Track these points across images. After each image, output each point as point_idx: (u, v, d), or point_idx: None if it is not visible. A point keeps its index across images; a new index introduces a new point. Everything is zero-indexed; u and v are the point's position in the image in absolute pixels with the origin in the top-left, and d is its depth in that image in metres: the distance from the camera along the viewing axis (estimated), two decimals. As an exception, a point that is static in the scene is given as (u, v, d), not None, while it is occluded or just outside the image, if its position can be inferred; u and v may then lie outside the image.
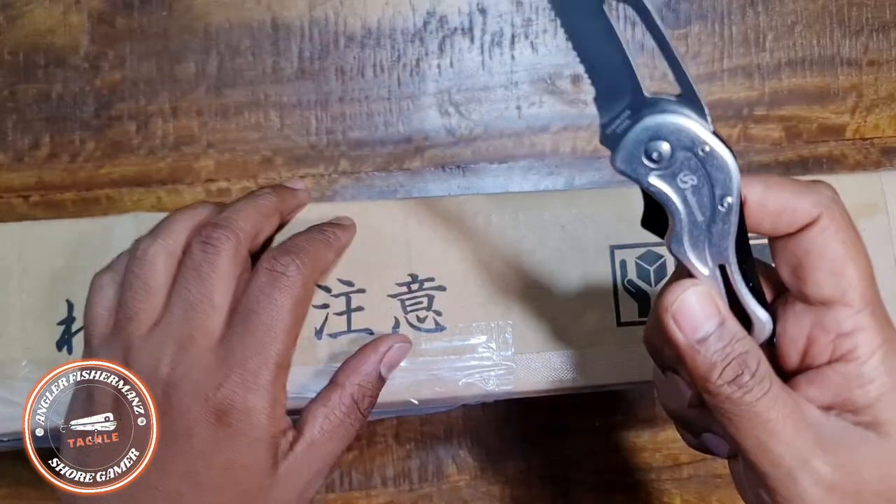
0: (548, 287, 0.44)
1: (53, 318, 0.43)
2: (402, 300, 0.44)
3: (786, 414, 0.30)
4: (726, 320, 0.31)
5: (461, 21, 0.55)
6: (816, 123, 0.56)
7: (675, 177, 0.31)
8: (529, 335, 0.43)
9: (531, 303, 0.44)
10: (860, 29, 0.57)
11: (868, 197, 0.45)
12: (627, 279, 0.44)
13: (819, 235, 0.32)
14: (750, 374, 0.30)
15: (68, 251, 0.44)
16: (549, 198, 0.46)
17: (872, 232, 0.44)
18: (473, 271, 0.44)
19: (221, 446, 0.35)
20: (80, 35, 0.54)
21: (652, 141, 0.31)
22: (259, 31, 0.55)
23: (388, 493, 0.54)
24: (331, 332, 0.43)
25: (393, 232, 0.44)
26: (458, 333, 0.43)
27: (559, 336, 0.44)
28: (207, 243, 0.37)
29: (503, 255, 0.44)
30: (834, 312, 0.32)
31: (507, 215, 0.44)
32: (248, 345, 0.36)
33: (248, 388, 0.36)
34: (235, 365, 0.36)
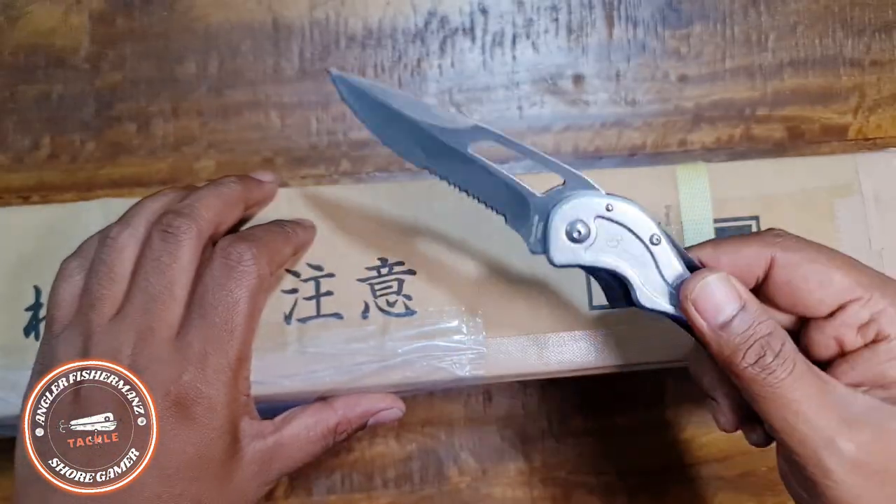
0: (519, 271, 0.44)
1: (20, 305, 0.43)
2: (371, 284, 0.43)
3: (810, 393, 0.31)
4: (748, 303, 0.32)
5: (462, 21, 0.55)
6: (819, 124, 0.56)
7: (604, 244, 0.35)
8: (500, 319, 0.43)
9: (502, 287, 0.44)
10: (863, 29, 0.56)
11: (843, 178, 0.45)
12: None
13: (785, 269, 0.33)
14: (773, 355, 0.31)
15: (36, 237, 0.44)
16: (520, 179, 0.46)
17: (847, 212, 0.44)
18: (444, 255, 0.44)
19: (184, 438, 0.36)
20: (81, 36, 0.54)
21: (568, 227, 0.35)
22: (260, 31, 0.55)
23: (389, 495, 0.54)
24: (300, 317, 0.43)
25: (362, 216, 0.44)
26: (429, 318, 0.43)
27: (531, 320, 0.43)
28: (167, 232, 0.37)
29: (473, 238, 0.44)
30: (848, 312, 0.33)
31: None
32: (207, 338, 0.36)
33: (207, 381, 0.36)
34: (195, 358, 0.36)
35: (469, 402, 0.54)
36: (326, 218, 0.44)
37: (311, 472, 0.53)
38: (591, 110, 0.56)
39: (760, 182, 0.45)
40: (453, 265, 0.44)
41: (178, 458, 0.35)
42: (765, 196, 0.44)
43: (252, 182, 0.42)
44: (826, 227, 0.44)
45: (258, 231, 0.40)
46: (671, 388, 0.54)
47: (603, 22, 0.56)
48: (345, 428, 0.41)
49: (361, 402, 0.42)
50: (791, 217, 0.44)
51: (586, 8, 0.56)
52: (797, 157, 0.51)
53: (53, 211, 0.45)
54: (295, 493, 0.53)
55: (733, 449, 0.54)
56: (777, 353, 0.31)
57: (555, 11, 0.56)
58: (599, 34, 0.56)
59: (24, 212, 0.45)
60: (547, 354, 0.43)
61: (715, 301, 0.32)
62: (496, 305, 0.43)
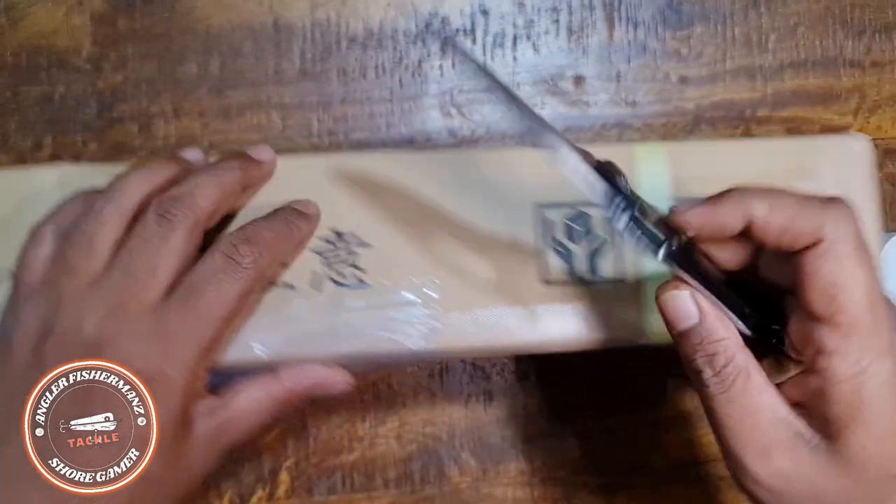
0: (474, 245, 0.44)
1: None
2: (325, 256, 0.43)
3: (740, 415, 0.34)
4: (704, 321, 0.35)
5: (463, 22, 0.55)
6: (819, 125, 0.56)
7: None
8: (455, 293, 0.43)
9: (457, 261, 0.44)
10: (863, 30, 0.57)
11: (803, 161, 0.45)
12: (553, 238, 0.43)
13: (816, 259, 0.33)
14: (712, 373, 0.34)
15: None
16: (475, 155, 0.46)
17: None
18: (398, 228, 0.44)
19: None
20: (83, 36, 0.54)
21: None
22: (261, 32, 0.55)
23: (389, 495, 0.54)
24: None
25: (318, 187, 0.44)
26: (383, 291, 0.43)
27: (485, 295, 0.43)
28: (164, 217, 0.37)
29: (429, 212, 0.44)
30: (821, 328, 0.33)
31: (434, 172, 0.44)
32: (184, 322, 0.37)
33: (172, 364, 0.36)
34: (165, 337, 0.36)
35: (470, 402, 0.54)
36: (281, 188, 0.43)
37: (312, 472, 0.54)
38: (592, 111, 0.56)
39: (719, 162, 0.45)
40: (408, 239, 0.44)
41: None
42: (724, 176, 0.44)
43: (252, 164, 0.42)
44: None
45: (265, 232, 0.40)
46: (672, 389, 0.55)
47: (603, 23, 0.56)
48: (292, 399, 0.41)
49: (309, 373, 0.41)
50: None
51: (587, 9, 0.56)
52: (758, 139, 0.50)
53: (5, 175, 0.45)
54: (296, 494, 0.53)
55: (733, 449, 0.54)
56: (717, 371, 0.34)
57: (555, 13, 0.56)
58: (600, 35, 0.56)
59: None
60: (502, 330, 0.43)
61: (677, 312, 0.35)
62: (450, 280, 0.43)
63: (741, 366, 0.34)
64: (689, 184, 0.44)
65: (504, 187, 0.43)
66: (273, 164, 0.44)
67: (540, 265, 0.43)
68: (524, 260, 0.43)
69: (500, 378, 0.55)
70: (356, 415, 0.54)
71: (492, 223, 0.43)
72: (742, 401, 0.34)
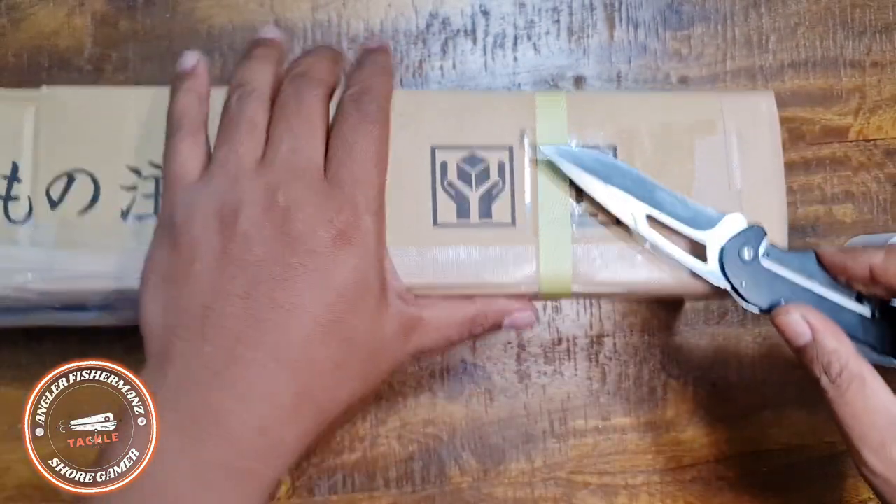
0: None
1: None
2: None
3: (858, 415, 0.38)
4: (817, 335, 0.40)
5: (464, 23, 0.56)
6: (819, 125, 0.56)
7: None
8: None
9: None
10: (863, 30, 0.57)
11: (706, 117, 0.44)
12: (447, 181, 0.43)
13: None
14: (829, 380, 0.39)
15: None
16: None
17: (707, 151, 0.44)
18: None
19: (346, 263, 0.37)
20: (84, 37, 0.54)
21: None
22: (262, 32, 0.55)
23: (390, 495, 0.54)
24: (138, 214, 0.42)
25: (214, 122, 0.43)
26: None
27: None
28: (302, 88, 0.40)
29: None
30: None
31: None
32: (355, 173, 0.38)
33: (362, 211, 0.38)
34: (349, 191, 0.38)
35: (471, 402, 0.54)
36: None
37: (313, 472, 0.54)
38: (593, 111, 0.56)
39: (621, 113, 0.44)
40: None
41: (340, 283, 0.37)
42: (625, 128, 0.44)
43: (334, 49, 0.44)
44: (685, 164, 0.44)
45: (369, 78, 0.41)
46: (673, 389, 0.55)
47: (604, 23, 0.56)
48: (482, 322, 0.42)
49: (499, 300, 0.43)
50: (649, 150, 0.44)
51: (587, 9, 0.56)
52: (662, 92, 0.50)
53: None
54: (297, 494, 0.53)
55: (734, 449, 0.54)
56: (832, 379, 0.39)
57: (556, 13, 0.56)
58: (600, 36, 0.56)
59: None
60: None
61: (793, 332, 0.40)
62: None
63: (855, 372, 0.39)
64: (589, 132, 0.44)
65: (398, 127, 0.42)
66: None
67: (431, 206, 0.43)
68: (416, 200, 0.43)
69: (501, 378, 0.55)
70: (357, 415, 0.54)
71: (391, 165, 0.42)
72: (858, 402, 0.38)
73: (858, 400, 0.38)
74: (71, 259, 0.42)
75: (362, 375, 0.39)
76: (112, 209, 0.42)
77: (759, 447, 0.55)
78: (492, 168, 0.43)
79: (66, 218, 0.42)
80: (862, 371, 0.39)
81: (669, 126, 0.44)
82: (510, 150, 0.43)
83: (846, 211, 0.56)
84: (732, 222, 0.42)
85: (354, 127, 0.39)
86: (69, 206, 0.42)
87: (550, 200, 0.43)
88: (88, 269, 0.41)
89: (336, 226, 0.37)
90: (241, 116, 0.39)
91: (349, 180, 0.38)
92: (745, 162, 0.44)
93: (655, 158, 0.43)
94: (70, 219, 0.42)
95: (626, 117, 0.44)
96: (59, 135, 0.43)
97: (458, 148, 0.43)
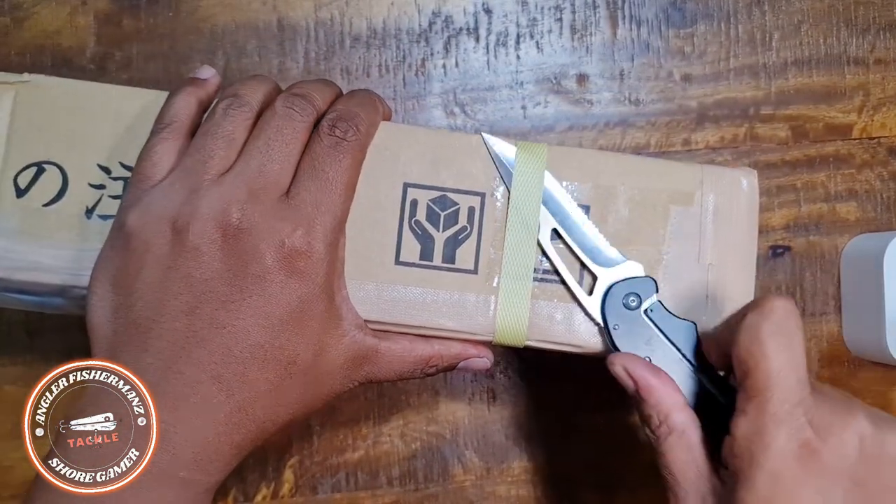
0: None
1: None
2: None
3: (674, 467, 0.39)
4: (640, 390, 0.39)
5: (466, 21, 0.56)
6: (823, 123, 0.56)
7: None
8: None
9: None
10: (867, 28, 0.56)
11: (685, 185, 0.44)
12: (415, 219, 0.43)
13: (739, 333, 0.38)
14: (649, 430, 0.40)
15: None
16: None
17: (681, 221, 0.44)
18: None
19: (292, 289, 0.38)
20: (87, 36, 0.54)
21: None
22: (265, 31, 0.55)
23: (393, 493, 0.54)
24: (102, 214, 0.43)
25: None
26: None
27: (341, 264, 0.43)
28: (293, 109, 0.40)
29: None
30: (739, 393, 0.38)
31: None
32: (317, 198, 0.39)
33: (316, 236, 0.38)
34: (305, 215, 0.38)
35: (473, 400, 0.54)
36: (148, 123, 0.42)
37: (316, 471, 0.54)
38: (595, 110, 0.56)
39: (600, 171, 0.44)
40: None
41: (284, 308, 0.38)
42: (602, 185, 0.43)
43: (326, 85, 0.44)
44: (657, 231, 0.43)
45: (355, 108, 0.41)
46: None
47: (607, 22, 0.56)
48: (436, 363, 0.43)
49: (455, 345, 0.43)
50: (623, 211, 0.43)
51: (590, 8, 0.56)
52: (645, 157, 0.48)
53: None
54: (300, 492, 0.54)
55: (737, 448, 0.54)
56: (652, 429, 0.39)
57: (559, 11, 0.56)
58: (603, 34, 0.56)
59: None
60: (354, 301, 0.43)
61: (620, 379, 0.40)
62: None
63: (675, 425, 0.39)
64: (565, 187, 0.43)
65: (373, 160, 0.42)
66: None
67: (396, 243, 0.43)
68: (383, 236, 0.43)
69: (503, 377, 0.55)
70: (360, 413, 0.54)
71: (361, 197, 0.42)
72: (674, 455, 0.39)
73: (674, 452, 0.39)
74: (30, 250, 0.42)
75: (302, 398, 0.40)
76: (77, 205, 0.43)
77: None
78: (461, 213, 0.43)
79: (30, 208, 0.42)
80: (683, 426, 0.39)
81: (647, 191, 0.44)
82: (482, 197, 0.43)
83: (849, 209, 0.56)
84: (630, 268, 0.42)
85: (326, 151, 0.39)
86: (35, 197, 0.43)
87: (516, 253, 0.43)
88: (46, 262, 0.42)
89: (285, 250, 0.37)
90: (220, 128, 0.39)
91: (310, 204, 0.38)
92: (718, 238, 0.44)
93: (628, 221, 0.43)
94: (34, 209, 0.42)
95: (605, 175, 0.44)
96: (34, 123, 0.43)
97: (431, 188, 0.43)
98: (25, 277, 0.42)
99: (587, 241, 0.43)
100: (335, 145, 0.39)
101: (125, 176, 0.43)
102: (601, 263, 0.42)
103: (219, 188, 0.38)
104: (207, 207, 0.37)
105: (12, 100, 0.43)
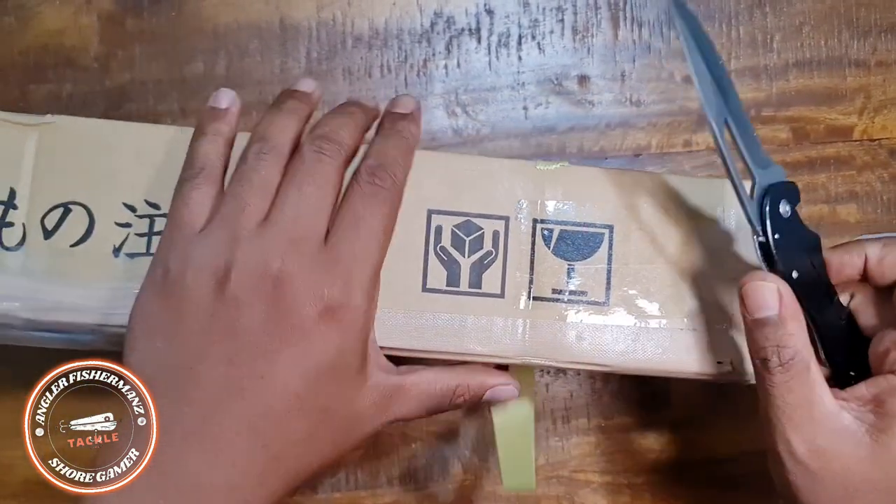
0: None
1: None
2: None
3: (798, 403, 0.38)
4: (783, 314, 0.38)
5: (468, 22, 0.56)
6: (824, 124, 0.56)
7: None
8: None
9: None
10: (868, 30, 0.56)
11: (707, 200, 0.44)
12: (440, 245, 0.43)
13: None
14: (778, 363, 0.38)
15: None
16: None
17: (704, 238, 0.44)
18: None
19: (330, 340, 0.37)
20: (90, 36, 0.54)
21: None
22: (267, 31, 0.55)
23: (393, 493, 0.54)
24: (129, 252, 0.42)
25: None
26: None
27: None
28: (322, 153, 0.39)
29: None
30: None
31: None
32: (357, 248, 0.38)
33: (354, 287, 0.38)
34: (346, 266, 0.38)
35: (474, 400, 0.55)
36: (171, 160, 0.43)
37: (317, 470, 0.54)
38: (596, 111, 0.56)
39: (622, 190, 0.44)
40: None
41: (322, 359, 0.37)
42: (625, 204, 0.44)
43: (366, 106, 0.44)
44: (682, 248, 0.44)
45: (391, 151, 0.41)
46: (675, 389, 0.55)
47: (608, 23, 0.56)
48: (462, 394, 0.42)
49: (490, 374, 0.43)
50: (647, 229, 0.44)
51: (592, 9, 0.56)
52: (667, 174, 0.48)
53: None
54: (300, 491, 0.54)
55: (736, 449, 0.54)
56: (783, 362, 0.38)
57: (560, 12, 0.56)
58: (605, 35, 0.56)
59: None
60: (379, 330, 0.43)
61: (758, 301, 0.38)
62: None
63: (805, 360, 0.38)
64: (587, 206, 0.44)
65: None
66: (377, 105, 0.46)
67: (422, 270, 0.43)
68: (407, 263, 0.43)
69: (504, 376, 0.55)
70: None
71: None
72: (800, 391, 0.38)
73: (801, 388, 0.38)
74: (59, 290, 0.42)
75: (335, 444, 0.40)
76: (104, 245, 0.43)
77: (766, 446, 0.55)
78: (486, 237, 0.43)
79: (58, 249, 0.42)
80: (810, 361, 0.38)
81: (669, 209, 0.44)
82: (506, 221, 0.43)
83: (850, 211, 0.56)
84: (778, 172, 0.40)
85: (365, 201, 0.39)
86: (62, 238, 0.42)
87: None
88: (75, 302, 0.42)
89: (325, 301, 0.37)
90: (255, 174, 0.39)
91: (348, 255, 0.38)
92: (742, 251, 0.44)
93: (653, 239, 0.43)
94: (62, 250, 0.42)
95: (627, 194, 0.44)
96: (59, 164, 0.43)
97: (455, 214, 0.43)
98: (56, 318, 0.42)
99: (749, 135, 0.40)
100: (374, 194, 0.39)
101: (150, 213, 0.43)
102: (758, 164, 0.40)
103: (259, 239, 0.37)
104: (247, 256, 0.37)
105: (36, 142, 0.43)
